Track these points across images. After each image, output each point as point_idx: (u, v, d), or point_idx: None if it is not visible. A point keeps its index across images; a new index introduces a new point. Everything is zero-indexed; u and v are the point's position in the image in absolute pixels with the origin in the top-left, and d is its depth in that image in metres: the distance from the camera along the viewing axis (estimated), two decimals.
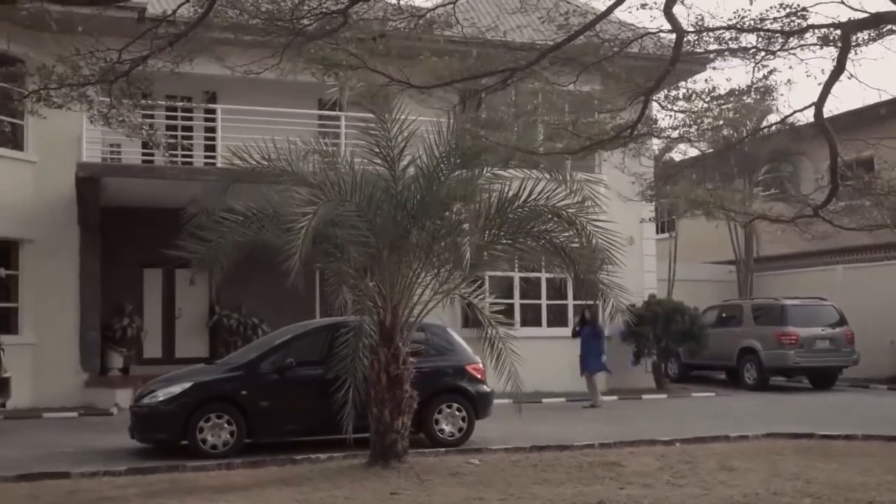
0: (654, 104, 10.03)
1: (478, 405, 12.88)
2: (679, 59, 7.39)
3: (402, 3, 8.08)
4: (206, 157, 19.30)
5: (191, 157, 19.00)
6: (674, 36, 9.10)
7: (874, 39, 7.48)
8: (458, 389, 12.82)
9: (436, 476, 10.15)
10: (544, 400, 18.71)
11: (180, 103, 19.26)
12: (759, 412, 17.16)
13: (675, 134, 10.72)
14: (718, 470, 10.55)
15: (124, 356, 19.01)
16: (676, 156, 25.60)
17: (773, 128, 10.83)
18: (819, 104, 7.25)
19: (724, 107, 11.61)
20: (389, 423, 10.60)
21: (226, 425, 11.73)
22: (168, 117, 19.68)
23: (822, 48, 7.45)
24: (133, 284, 19.77)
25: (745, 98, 12.01)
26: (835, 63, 6.97)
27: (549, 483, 9.84)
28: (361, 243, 10.31)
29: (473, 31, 9.25)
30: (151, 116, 19.63)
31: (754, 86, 11.15)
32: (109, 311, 18.95)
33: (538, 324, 20.54)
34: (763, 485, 9.62)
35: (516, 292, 20.48)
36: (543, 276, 19.83)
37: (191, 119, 19.76)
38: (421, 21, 7.87)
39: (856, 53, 7.28)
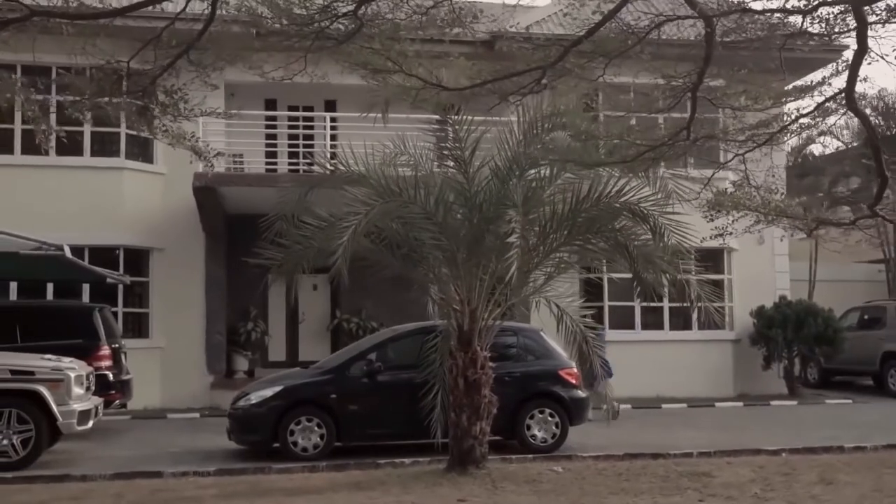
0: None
1: (571, 411, 12.53)
2: (714, 47, 6.91)
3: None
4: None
5: (311, 164, 19.44)
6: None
7: (890, 17, 6.72)
8: (551, 394, 12.51)
9: (511, 483, 9.96)
10: (664, 406, 18.14)
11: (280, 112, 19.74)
12: (894, 422, 16.01)
13: (741, 137, 9.99)
14: (816, 483, 9.90)
15: (249, 359, 19.65)
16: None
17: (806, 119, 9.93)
18: (849, 89, 6.61)
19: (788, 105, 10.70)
20: (467, 429, 10.49)
21: (316, 428, 11.86)
22: (290, 126, 20.25)
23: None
24: (258, 289, 20.35)
25: (811, 95, 11.04)
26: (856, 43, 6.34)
27: (626, 493, 9.49)
28: (435, 246, 10.24)
29: (494, 26, 8.98)
30: (275, 127, 20.44)
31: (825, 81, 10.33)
32: (236, 315, 19.63)
33: (660, 327, 19.89)
34: (858, 501, 8.97)
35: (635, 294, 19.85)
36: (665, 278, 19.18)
37: (312, 128, 20.23)
38: (431, 14, 7.66)
39: (875, 31, 6.60)
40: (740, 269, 20.56)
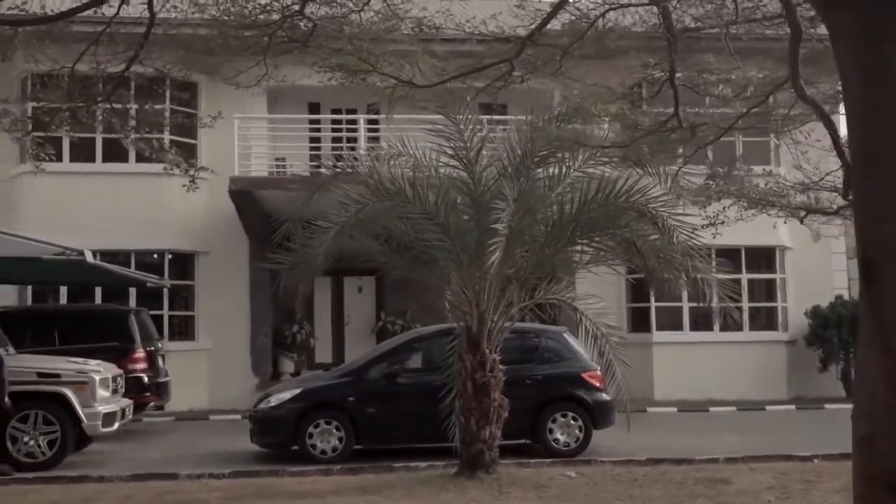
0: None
1: (595, 414, 12.24)
2: (674, 33, 6.59)
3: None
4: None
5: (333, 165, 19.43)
6: None
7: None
8: (574, 398, 12.25)
9: (518, 489, 9.75)
10: (712, 409, 17.65)
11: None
12: None
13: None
14: (836, 491, 9.43)
15: (295, 361, 19.80)
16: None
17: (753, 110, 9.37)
18: (793, 77, 6.19)
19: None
20: (476, 433, 10.29)
21: (334, 431, 11.83)
22: (333, 129, 20.31)
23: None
24: (305, 292, 20.45)
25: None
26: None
27: (635, 500, 9.21)
28: (437, 248, 10.10)
29: (448, 21, 8.79)
30: (318, 130, 20.51)
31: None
32: (281, 317, 19.78)
33: (709, 328, 19.33)
34: None
35: (684, 294, 19.36)
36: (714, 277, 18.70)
37: (355, 130, 20.23)
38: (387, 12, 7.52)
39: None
40: (795, 267, 19.93)
